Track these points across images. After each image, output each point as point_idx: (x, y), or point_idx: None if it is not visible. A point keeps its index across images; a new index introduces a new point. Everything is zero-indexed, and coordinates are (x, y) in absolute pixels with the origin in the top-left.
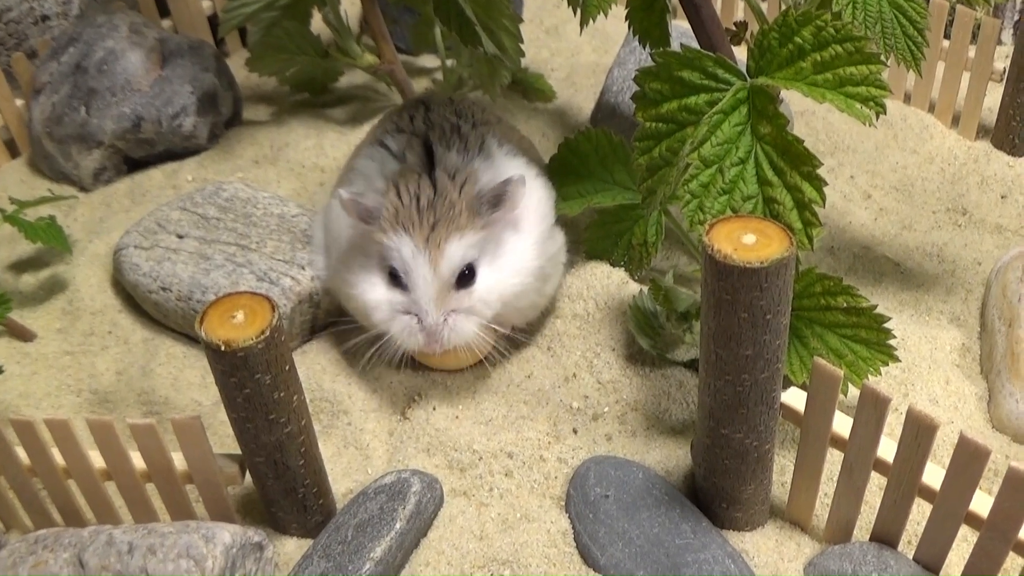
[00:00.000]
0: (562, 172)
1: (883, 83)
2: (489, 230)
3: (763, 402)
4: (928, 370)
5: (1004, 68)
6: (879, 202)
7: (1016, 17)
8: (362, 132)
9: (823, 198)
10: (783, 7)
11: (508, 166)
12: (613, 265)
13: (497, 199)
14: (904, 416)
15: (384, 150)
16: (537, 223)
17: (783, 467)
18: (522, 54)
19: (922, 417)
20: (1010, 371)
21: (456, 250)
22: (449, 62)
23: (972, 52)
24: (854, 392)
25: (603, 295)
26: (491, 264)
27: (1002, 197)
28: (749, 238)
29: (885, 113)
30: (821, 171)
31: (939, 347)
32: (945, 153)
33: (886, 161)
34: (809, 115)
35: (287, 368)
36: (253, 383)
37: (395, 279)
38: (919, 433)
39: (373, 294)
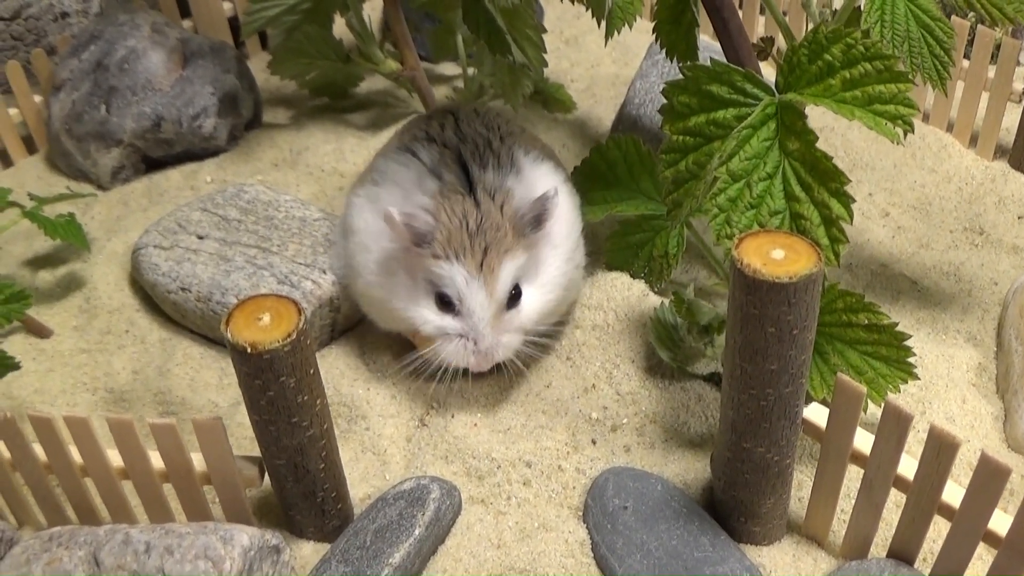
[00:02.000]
0: (590, 178)
1: (911, 102)
2: (532, 248)
3: (786, 416)
4: (945, 388)
5: (1023, 89)
6: (897, 220)
7: None
8: (383, 138)
9: (851, 215)
10: (807, 24)
11: (539, 179)
12: (633, 276)
13: (538, 218)
14: (922, 434)
15: (415, 159)
16: (568, 234)
17: (800, 482)
18: (545, 64)
19: (944, 435)
20: None
21: (508, 273)
22: (470, 70)
23: (991, 72)
24: (872, 409)
25: (623, 306)
26: (533, 281)
27: (1019, 218)
28: (778, 253)
29: (913, 131)
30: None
31: (956, 366)
32: (963, 172)
33: (904, 179)
34: (828, 131)
35: (312, 372)
36: (277, 386)
37: (445, 303)
38: (940, 451)
39: (424, 316)
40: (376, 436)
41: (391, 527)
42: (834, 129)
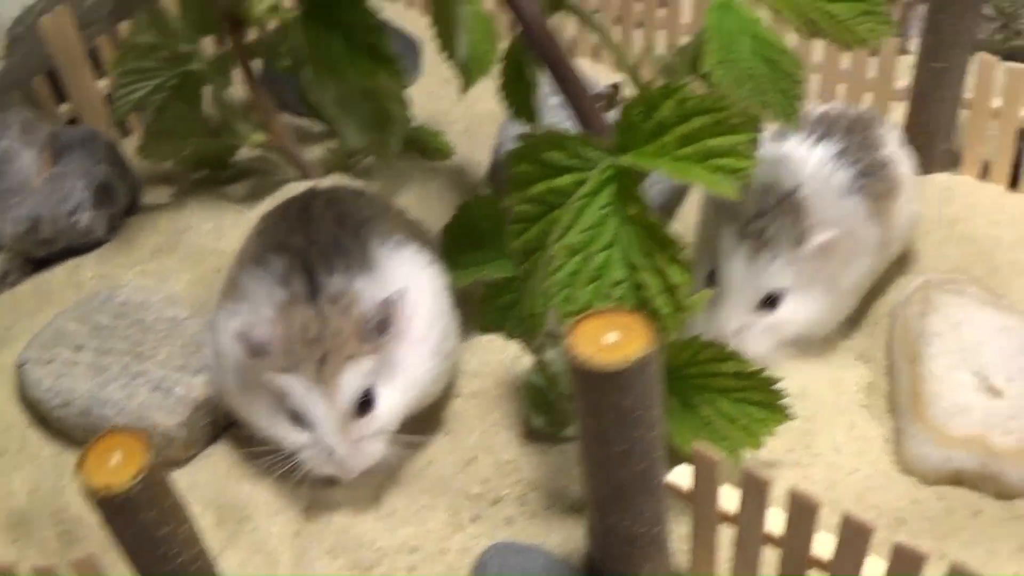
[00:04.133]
0: (457, 239)
1: (749, 153)
2: (381, 351)
3: (644, 491)
4: (832, 416)
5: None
6: None
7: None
8: (260, 209)
9: (689, 280)
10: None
11: (395, 270)
12: (508, 338)
13: (383, 323)
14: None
15: (264, 271)
16: (432, 323)
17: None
18: (408, 122)
19: (802, 497)
20: (913, 412)
21: (351, 380)
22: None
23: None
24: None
25: (499, 370)
26: (389, 383)
27: None
28: (612, 336)
29: (750, 186)
30: None
31: (844, 390)
32: None
33: None
34: None
35: (169, 503)
36: (136, 523)
37: (295, 416)
38: (801, 512)
39: (281, 433)
40: (264, 535)
41: None
42: None
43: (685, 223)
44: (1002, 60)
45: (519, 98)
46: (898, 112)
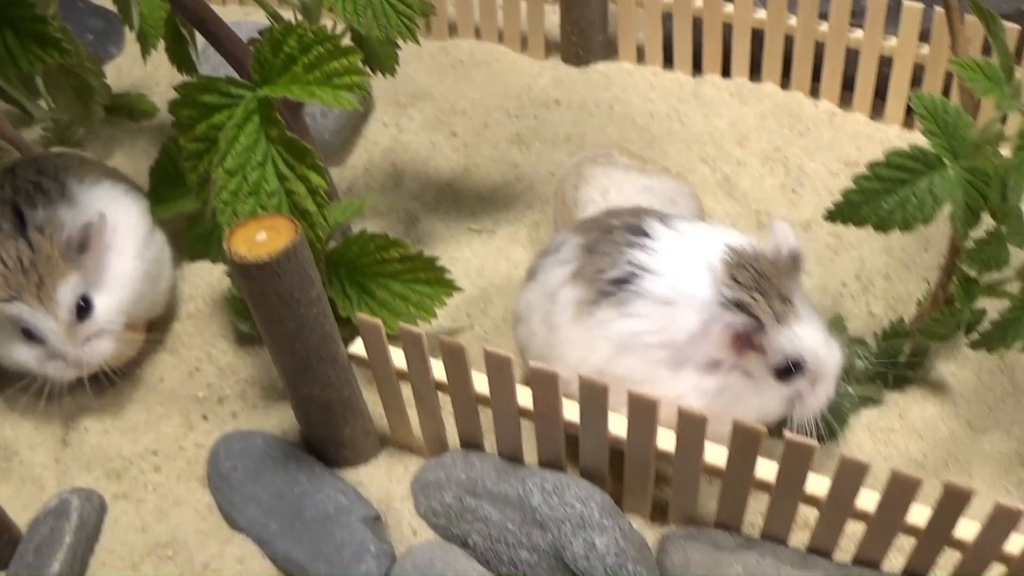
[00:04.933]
0: (159, 179)
1: (360, 70)
2: (89, 264)
3: (324, 361)
4: (504, 286)
5: None
6: (463, 138)
7: None
8: None
9: (327, 183)
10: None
11: (93, 201)
12: (214, 262)
13: (83, 243)
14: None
15: None
16: (132, 238)
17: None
18: (108, 90)
19: (451, 345)
20: None
21: (65, 294)
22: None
23: None
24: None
25: (209, 291)
26: (102, 289)
27: (556, 101)
28: (262, 236)
29: (368, 95)
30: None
31: (517, 264)
32: (517, 76)
33: (466, 98)
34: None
35: None
36: None
37: (29, 335)
38: (454, 356)
39: (20, 354)
40: (29, 466)
41: (46, 542)
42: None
43: (368, 141)
44: None
45: (180, 54)
46: (553, 14)
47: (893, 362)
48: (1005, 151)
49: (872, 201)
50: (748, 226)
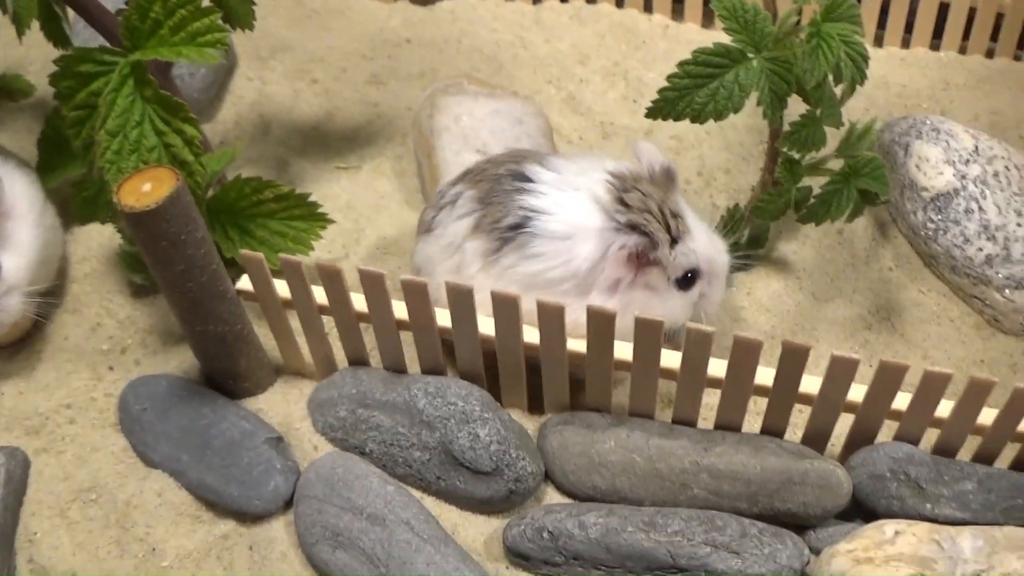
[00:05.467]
0: (46, 149)
1: (220, 27)
2: None
3: (214, 297)
4: (375, 215)
5: None
6: (324, 84)
7: None
8: None
9: (200, 133)
10: None
11: None
12: (103, 223)
13: None
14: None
15: None
16: (30, 206)
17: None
18: None
19: (329, 269)
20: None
21: None
22: None
23: None
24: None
25: (101, 251)
26: (8, 249)
27: (408, 41)
28: (147, 187)
29: (228, 50)
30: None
31: (385, 194)
32: (370, 21)
33: (323, 46)
34: None
35: None
36: None
37: None
38: (330, 279)
39: None
40: None
41: None
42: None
43: (235, 95)
44: None
45: (54, 31)
46: None
47: (735, 243)
48: None
49: (686, 96)
50: (595, 137)
